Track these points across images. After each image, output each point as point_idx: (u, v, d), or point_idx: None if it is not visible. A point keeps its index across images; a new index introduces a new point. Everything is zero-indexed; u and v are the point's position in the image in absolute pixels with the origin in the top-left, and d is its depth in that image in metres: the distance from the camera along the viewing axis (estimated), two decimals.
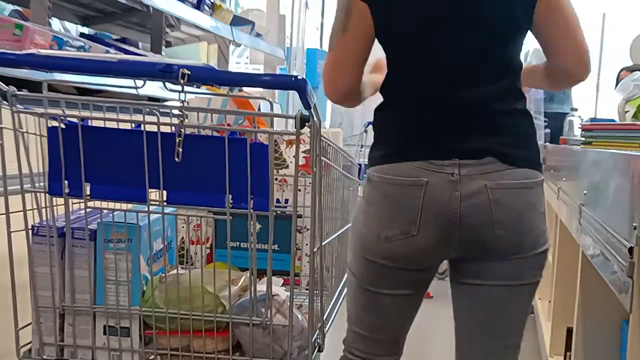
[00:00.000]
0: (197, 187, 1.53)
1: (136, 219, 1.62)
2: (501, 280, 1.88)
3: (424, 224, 1.82)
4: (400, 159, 1.85)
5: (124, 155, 1.52)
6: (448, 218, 1.81)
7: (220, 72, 1.38)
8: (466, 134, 1.83)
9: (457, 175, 1.79)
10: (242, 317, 1.64)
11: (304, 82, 1.36)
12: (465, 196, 1.79)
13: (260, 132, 1.52)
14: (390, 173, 1.85)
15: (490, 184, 1.79)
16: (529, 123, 1.90)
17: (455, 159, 1.80)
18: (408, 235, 1.83)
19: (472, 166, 1.80)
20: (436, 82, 1.85)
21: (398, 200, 1.84)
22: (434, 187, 1.80)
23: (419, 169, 1.82)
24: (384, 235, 1.86)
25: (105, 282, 1.64)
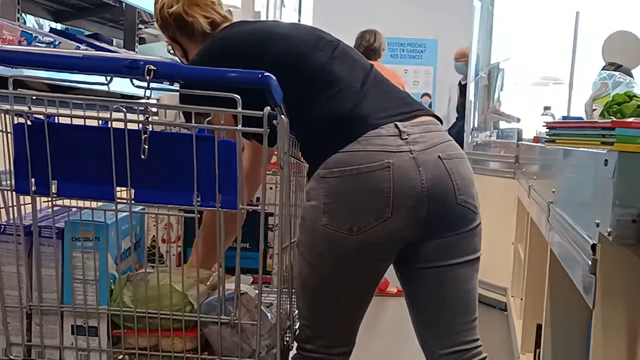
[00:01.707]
0: (165, 185, 1.52)
1: (104, 217, 1.61)
2: (460, 256, 1.92)
3: (397, 205, 1.82)
4: (343, 144, 1.84)
5: (91, 153, 1.51)
6: (418, 195, 1.82)
7: (187, 69, 1.38)
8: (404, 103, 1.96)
9: (415, 152, 1.83)
10: (210, 316, 1.63)
11: (270, 79, 1.35)
12: (426, 170, 1.83)
13: (228, 129, 1.51)
14: (349, 164, 1.82)
15: (443, 154, 1.86)
16: None
17: (405, 136, 1.85)
18: (381, 220, 1.82)
19: (420, 142, 1.86)
20: None
21: (366, 188, 1.82)
22: (400, 167, 1.81)
23: (377, 153, 1.81)
24: (356, 227, 1.83)
25: (73, 281, 1.62)
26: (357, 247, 1.84)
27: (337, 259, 1.86)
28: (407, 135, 1.84)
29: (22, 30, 2.39)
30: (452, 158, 1.88)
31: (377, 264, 1.91)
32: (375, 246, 1.85)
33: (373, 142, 1.81)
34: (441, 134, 1.92)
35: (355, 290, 1.93)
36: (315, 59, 1.91)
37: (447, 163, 1.86)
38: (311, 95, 1.87)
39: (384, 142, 1.82)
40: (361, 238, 1.82)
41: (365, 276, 1.92)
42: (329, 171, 1.82)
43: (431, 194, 1.82)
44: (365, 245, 1.84)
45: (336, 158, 1.82)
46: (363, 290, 1.95)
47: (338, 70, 1.91)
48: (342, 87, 1.88)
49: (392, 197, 1.81)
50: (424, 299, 1.99)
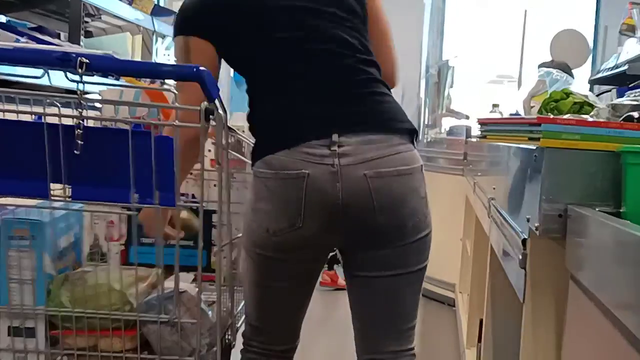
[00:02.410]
0: (102, 181, 1.48)
1: (40, 216, 1.57)
2: (388, 269, 1.90)
3: (308, 216, 1.82)
4: (275, 150, 1.84)
5: (25, 149, 1.47)
6: (331, 209, 1.81)
7: (121, 62, 1.34)
8: (341, 112, 1.87)
9: (337, 166, 1.79)
10: (149, 315, 1.60)
11: (204, 73, 1.33)
12: (346, 186, 1.80)
13: (165, 124, 1.48)
14: (271, 167, 1.83)
15: (370, 172, 1.80)
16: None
17: (334, 144, 1.80)
18: (294, 228, 1.83)
19: (351, 155, 1.80)
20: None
21: (282, 194, 1.83)
22: (315, 179, 1.80)
23: (298, 161, 1.81)
24: (272, 229, 1.84)
25: (9, 281, 1.58)
26: (275, 247, 1.86)
27: (260, 256, 1.89)
28: (338, 147, 1.80)
29: None
30: (384, 176, 1.81)
31: (302, 265, 1.93)
32: (294, 249, 1.87)
33: (300, 150, 1.80)
34: (383, 148, 1.83)
35: (287, 288, 1.95)
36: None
37: (372, 181, 1.80)
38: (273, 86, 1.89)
39: (310, 150, 1.80)
40: (278, 240, 1.85)
41: (294, 275, 1.94)
42: (258, 170, 1.85)
43: (347, 209, 1.81)
44: (283, 248, 1.86)
45: (266, 159, 1.83)
46: (295, 289, 1.97)
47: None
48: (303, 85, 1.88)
49: (304, 207, 1.81)
50: (354, 303, 2.01)
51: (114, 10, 4.04)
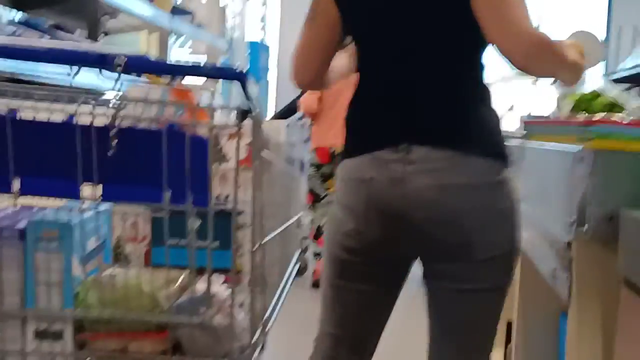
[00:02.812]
0: (133, 182, 1.46)
1: (69, 217, 1.53)
2: (453, 282, 1.84)
3: (370, 220, 1.81)
4: (352, 154, 1.86)
5: (56, 149, 1.44)
6: (392, 215, 1.78)
7: (159, 62, 1.31)
8: (417, 121, 1.82)
9: (401, 173, 1.75)
10: (180, 317, 1.57)
11: (244, 74, 1.30)
12: (407, 194, 1.76)
13: (200, 125, 1.45)
14: (347, 169, 1.86)
15: (434, 182, 1.75)
16: (489, 110, 1.86)
17: (402, 150, 1.77)
18: (358, 232, 1.84)
19: (418, 163, 1.75)
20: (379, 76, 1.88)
21: (350, 197, 1.84)
22: (378, 184, 1.78)
23: (366, 165, 1.80)
24: (342, 230, 1.87)
25: (36, 284, 1.55)
26: (346, 249, 1.88)
27: (332, 255, 1.93)
28: (407, 154, 1.77)
29: None
30: (447, 188, 1.75)
31: (369, 268, 1.91)
32: (361, 253, 1.86)
33: (371, 154, 1.80)
34: (454, 159, 1.76)
35: (352, 291, 1.94)
36: None
37: (433, 192, 1.75)
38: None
39: (379, 155, 1.79)
40: (347, 243, 1.87)
41: (360, 277, 1.92)
42: (339, 171, 1.90)
43: (406, 218, 1.78)
44: (353, 250, 1.87)
45: (344, 162, 1.87)
46: (361, 294, 1.95)
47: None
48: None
49: (365, 211, 1.81)
50: (429, 311, 1.97)
51: (132, 9, 4.02)
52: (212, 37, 5.91)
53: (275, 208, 2.17)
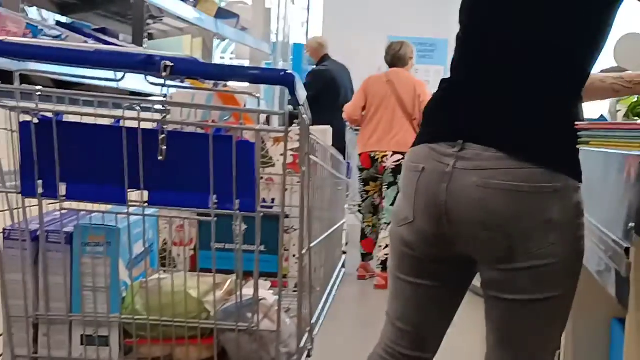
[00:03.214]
0: (180, 186, 1.44)
1: (115, 221, 1.52)
2: (497, 291, 1.81)
3: (418, 211, 1.81)
4: (417, 142, 1.88)
5: (102, 153, 1.43)
6: (436, 209, 1.77)
7: (206, 65, 1.29)
8: (477, 120, 1.80)
9: (451, 168, 1.74)
10: (227, 323, 1.55)
11: (293, 77, 1.27)
12: (453, 190, 1.74)
13: (247, 129, 1.43)
14: (407, 158, 1.88)
15: (480, 182, 1.71)
16: (562, 117, 1.80)
17: (458, 146, 1.75)
18: (408, 222, 1.84)
19: (469, 160, 1.73)
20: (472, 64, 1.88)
21: (405, 185, 1.86)
22: (427, 176, 1.78)
23: (422, 155, 1.81)
24: (397, 219, 1.89)
25: (82, 289, 1.54)
26: (400, 238, 1.89)
27: (393, 244, 1.94)
28: (461, 150, 1.75)
29: (27, 22, 2.31)
30: (494, 188, 1.71)
31: (423, 263, 1.90)
32: (411, 244, 1.86)
33: (430, 146, 1.80)
34: (508, 161, 1.71)
35: (409, 284, 1.93)
36: None
37: (479, 191, 1.71)
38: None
39: (436, 147, 1.79)
40: (400, 230, 1.88)
41: (416, 271, 1.91)
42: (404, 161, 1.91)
43: (451, 215, 1.75)
44: (404, 240, 1.87)
45: (410, 150, 1.88)
46: (419, 287, 1.93)
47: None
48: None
49: (414, 201, 1.80)
50: (485, 317, 1.92)
51: (178, 12, 4.02)
52: (256, 41, 5.90)
53: (322, 212, 2.15)
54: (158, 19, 4.77)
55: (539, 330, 1.84)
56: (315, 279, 2.16)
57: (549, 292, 1.78)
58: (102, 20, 4.48)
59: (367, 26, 10.18)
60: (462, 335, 3.19)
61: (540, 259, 1.73)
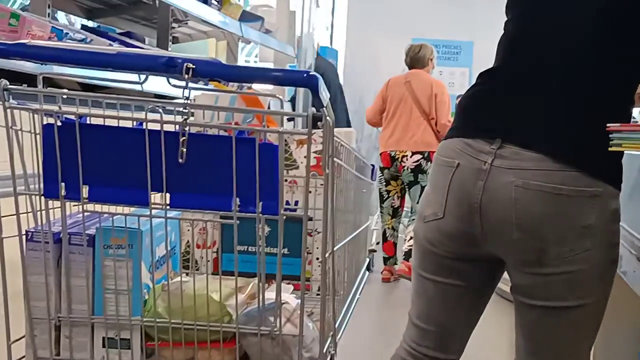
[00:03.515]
0: (202, 189, 1.43)
1: (137, 224, 1.52)
2: (532, 298, 1.77)
3: (449, 208, 1.77)
4: (451, 135, 1.83)
5: (124, 156, 1.42)
6: (469, 207, 1.73)
7: (228, 67, 1.28)
8: (517, 118, 1.76)
9: (488, 165, 1.70)
10: (249, 327, 1.54)
11: (316, 79, 1.26)
12: (489, 188, 1.70)
13: (270, 131, 1.42)
14: (438, 152, 1.83)
15: (518, 181, 1.68)
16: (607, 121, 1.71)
17: (497, 144, 1.72)
18: (436, 218, 1.80)
19: (507, 159, 1.69)
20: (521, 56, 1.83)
21: (436, 180, 1.82)
22: (462, 172, 1.74)
23: (457, 151, 1.77)
24: (423, 214, 1.84)
25: (104, 291, 1.54)
26: (425, 235, 1.84)
27: (417, 241, 1.89)
28: (499, 148, 1.71)
29: (52, 26, 2.32)
30: (533, 189, 1.66)
31: (447, 261, 1.85)
32: (436, 242, 1.82)
33: (464, 140, 1.77)
34: (548, 163, 1.67)
35: (433, 282, 1.89)
36: None
37: (517, 191, 1.67)
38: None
39: (471, 143, 1.75)
40: (425, 227, 1.83)
41: (440, 269, 1.86)
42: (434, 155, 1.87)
43: (485, 214, 1.71)
44: (429, 237, 1.83)
45: (440, 144, 1.84)
46: (443, 286, 1.88)
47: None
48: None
49: (446, 197, 1.76)
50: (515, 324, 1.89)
51: (203, 15, 4.03)
52: (280, 44, 5.89)
53: (346, 215, 2.14)
54: (183, 23, 4.78)
55: (571, 338, 1.80)
56: (339, 282, 2.15)
57: (582, 299, 1.74)
58: (128, 24, 4.50)
59: (391, 29, 10.15)
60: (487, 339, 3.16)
61: (574, 264, 1.70)
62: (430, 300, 1.91)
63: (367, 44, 10.44)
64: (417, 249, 1.90)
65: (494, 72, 1.86)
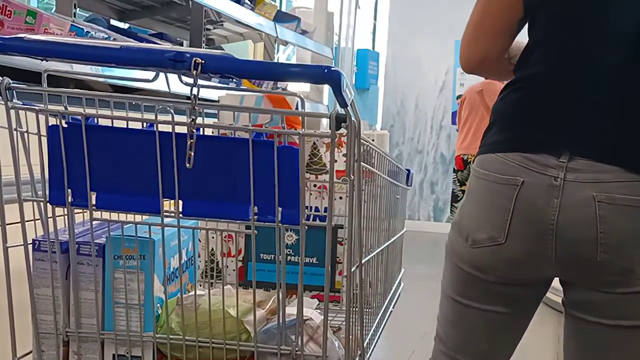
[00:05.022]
0: (217, 196, 1.32)
1: (149, 233, 1.41)
2: (607, 317, 1.61)
3: (514, 231, 1.58)
4: (496, 150, 1.63)
5: (135, 159, 1.32)
6: (541, 228, 1.56)
7: (241, 62, 1.16)
8: (583, 124, 1.58)
9: (560, 180, 1.54)
10: (268, 346, 1.43)
11: (338, 75, 1.13)
12: (566, 206, 1.54)
13: (290, 133, 1.30)
14: (487, 167, 1.62)
15: (601, 196, 1.52)
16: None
17: (565, 157, 1.55)
18: (495, 243, 1.60)
19: (582, 172, 1.54)
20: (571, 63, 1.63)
21: (489, 200, 1.61)
22: (530, 190, 1.55)
23: (517, 166, 1.57)
24: (471, 239, 1.64)
25: (115, 305, 1.44)
26: (471, 261, 1.65)
27: (456, 266, 1.70)
28: (569, 161, 1.55)
29: (72, 24, 2.24)
30: (618, 203, 1.52)
31: (499, 287, 1.67)
32: (490, 269, 1.63)
33: (523, 154, 1.58)
34: (620, 173, 1.53)
35: (479, 311, 1.70)
36: None
37: (601, 207, 1.52)
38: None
39: (533, 157, 1.57)
40: (474, 253, 1.63)
41: (489, 296, 1.68)
42: (474, 167, 1.67)
43: (562, 234, 1.54)
44: (479, 264, 1.63)
45: (484, 156, 1.63)
46: (490, 315, 1.70)
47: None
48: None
49: (510, 220, 1.57)
50: (568, 345, 1.75)
51: (236, 16, 3.93)
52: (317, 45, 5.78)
53: (378, 223, 2.02)
54: (218, 24, 4.71)
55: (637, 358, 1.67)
56: (371, 295, 2.03)
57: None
58: (162, 26, 4.45)
59: (432, 31, 10.05)
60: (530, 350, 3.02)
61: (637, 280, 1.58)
62: (473, 330, 1.74)
63: (408, 46, 10.36)
64: (456, 274, 1.72)
65: (537, 78, 1.67)
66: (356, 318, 1.62)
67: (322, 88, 5.94)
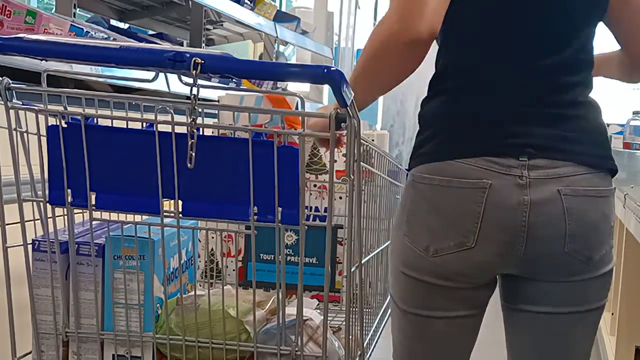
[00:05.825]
0: (217, 196, 1.32)
1: (148, 233, 1.41)
2: (564, 305, 1.62)
3: (484, 234, 1.56)
4: (454, 156, 1.58)
5: (135, 159, 1.32)
6: (513, 228, 1.54)
7: (241, 62, 1.16)
8: (536, 127, 1.57)
9: (525, 178, 1.54)
10: (268, 346, 1.43)
11: (338, 75, 1.13)
12: (535, 203, 1.53)
13: (290, 133, 1.30)
14: (447, 174, 1.57)
15: (565, 189, 1.54)
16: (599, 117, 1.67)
17: (524, 157, 1.55)
18: (463, 248, 1.57)
19: (543, 168, 1.55)
20: (502, 62, 1.61)
21: (453, 206, 1.57)
22: (498, 191, 1.54)
23: (480, 169, 1.55)
24: (433, 248, 1.58)
25: (114, 306, 1.44)
26: (433, 270, 1.59)
27: (412, 279, 1.62)
28: (529, 159, 1.55)
29: (71, 24, 2.24)
30: (581, 195, 1.55)
31: (463, 292, 1.63)
32: (454, 275, 1.59)
33: (484, 158, 1.56)
34: (572, 167, 1.56)
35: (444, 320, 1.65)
36: None
37: (567, 200, 1.53)
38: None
39: (495, 160, 1.55)
40: (435, 261, 1.58)
41: (454, 303, 1.63)
42: (421, 176, 1.60)
43: (533, 232, 1.54)
44: (443, 272, 1.59)
45: (436, 165, 1.58)
46: (457, 321, 1.65)
47: None
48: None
49: (480, 224, 1.54)
50: (514, 342, 1.74)
51: (236, 16, 3.93)
52: (317, 45, 5.78)
53: (378, 222, 2.02)
54: (218, 24, 4.71)
55: (590, 345, 1.71)
56: (371, 295, 2.03)
57: (605, 298, 1.68)
58: (163, 26, 4.44)
59: None
60: None
61: (608, 264, 1.63)
62: (441, 340, 1.68)
63: None
64: (412, 287, 1.64)
65: (473, 76, 1.62)
66: (356, 318, 1.62)
67: (322, 88, 5.94)
